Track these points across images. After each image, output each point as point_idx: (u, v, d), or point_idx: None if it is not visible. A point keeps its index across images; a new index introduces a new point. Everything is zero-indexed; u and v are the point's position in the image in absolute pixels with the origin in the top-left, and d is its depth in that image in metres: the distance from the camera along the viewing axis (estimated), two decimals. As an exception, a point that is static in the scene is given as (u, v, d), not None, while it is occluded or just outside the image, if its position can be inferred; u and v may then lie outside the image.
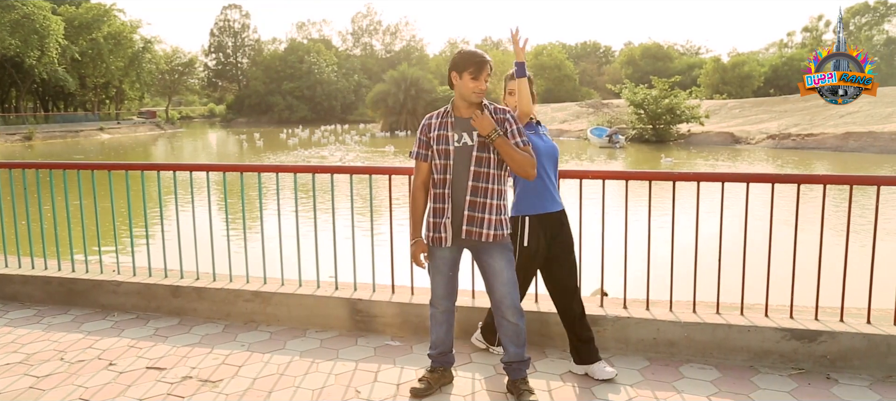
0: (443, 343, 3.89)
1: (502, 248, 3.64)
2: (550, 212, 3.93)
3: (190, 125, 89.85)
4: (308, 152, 37.79)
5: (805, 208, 4.44)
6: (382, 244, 5.88)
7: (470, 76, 3.55)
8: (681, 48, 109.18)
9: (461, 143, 3.58)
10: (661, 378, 4.03)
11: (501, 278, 3.64)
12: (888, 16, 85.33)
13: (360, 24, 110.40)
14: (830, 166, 29.79)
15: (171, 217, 9.21)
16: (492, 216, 3.57)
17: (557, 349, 4.44)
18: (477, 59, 3.56)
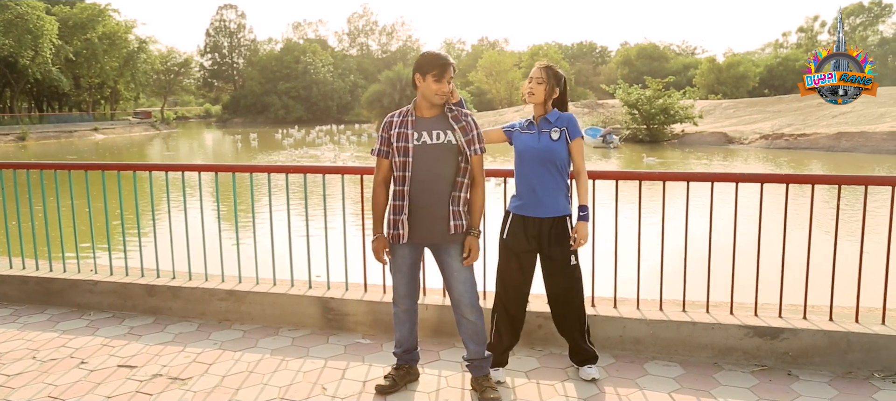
0: (406, 341, 3.94)
1: (460, 247, 3.68)
2: (538, 217, 3.86)
3: (186, 125, 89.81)
4: (299, 152, 37.81)
5: (789, 208, 4.47)
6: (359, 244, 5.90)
7: (433, 78, 3.57)
8: (677, 48, 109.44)
9: (421, 142, 3.63)
10: (626, 375, 4.08)
11: (459, 277, 3.69)
12: (882, 16, 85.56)
13: (356, 25, 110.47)
14: (819, 166, 29.90)
15: (156, 217, 9.27)
16: (448, 215, 3.61)
17: (525, 347, 4.49)
18: (440, 62, 3.60)
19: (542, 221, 3.85)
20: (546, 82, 3.87)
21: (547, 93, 3.87)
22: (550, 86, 3.87)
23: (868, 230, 4.37)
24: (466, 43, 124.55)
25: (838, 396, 3.80)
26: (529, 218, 3.87)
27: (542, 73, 3.89)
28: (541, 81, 3.88)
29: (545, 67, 3.91)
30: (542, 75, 3.88)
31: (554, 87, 3.89)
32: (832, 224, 4.50)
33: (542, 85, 3.87)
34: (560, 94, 3.93)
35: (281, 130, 60.05)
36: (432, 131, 3.63)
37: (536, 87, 3.88)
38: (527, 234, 3.88)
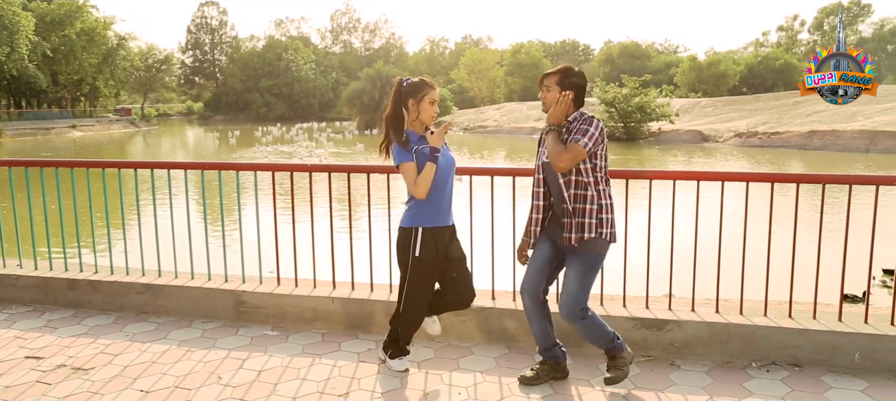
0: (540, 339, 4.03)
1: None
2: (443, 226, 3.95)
3: (167, 123, 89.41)
4: (269, 149, 37.83)
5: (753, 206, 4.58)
6: (304, 237, 6.00)
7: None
8: (659, 47, 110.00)
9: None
10: (513, 366, 4.22)
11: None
12: (861, 16, 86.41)
13: (339, 22, 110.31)
14: (772, 165, 30.28)
15: (82, 214, 9.29)
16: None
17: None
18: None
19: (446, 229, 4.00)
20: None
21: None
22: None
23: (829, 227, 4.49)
24: (450, 41, 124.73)
25: (712, 384, 3.96)
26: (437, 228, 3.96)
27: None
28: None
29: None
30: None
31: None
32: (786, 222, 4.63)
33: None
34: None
35: (261, 127, 59.84)
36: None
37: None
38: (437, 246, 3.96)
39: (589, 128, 3.62)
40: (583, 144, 3.58)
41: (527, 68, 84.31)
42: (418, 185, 3.77)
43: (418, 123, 3.88)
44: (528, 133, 52.69)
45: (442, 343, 4.59)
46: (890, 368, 4.08)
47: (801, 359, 4.19)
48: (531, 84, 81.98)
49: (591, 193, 3.67)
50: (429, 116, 3.87)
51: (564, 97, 3.67)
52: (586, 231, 3.66)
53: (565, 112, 3.70)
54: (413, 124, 3.88)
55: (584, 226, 3.67)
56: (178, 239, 5.35)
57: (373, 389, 3.93)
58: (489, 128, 57.57)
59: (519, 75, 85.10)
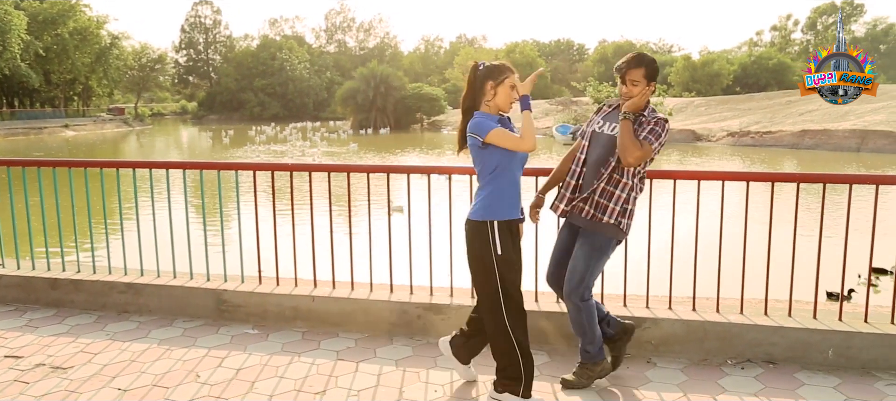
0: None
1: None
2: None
3: (161, 122, 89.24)
4: (261, 149, 37.83)
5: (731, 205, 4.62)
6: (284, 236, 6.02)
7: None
8: (654, 46, 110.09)
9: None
10: (491, 363, 4.20)
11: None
12: (854, 16, 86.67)
13: (333, 21, 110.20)
14: (758, 165, 30.39)
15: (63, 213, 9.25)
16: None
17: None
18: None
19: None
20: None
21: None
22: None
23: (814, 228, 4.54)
24: (444, 40, 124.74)
25: (687, 381, 3.99)
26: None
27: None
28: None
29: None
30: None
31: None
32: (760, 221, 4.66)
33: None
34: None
35: (255, 127, 59.79)
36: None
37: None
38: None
39: (661, 132, 3.65)
40: (654, 148, 3.62)
41: (521, 67, 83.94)
42: (524, 137, 3.46)
43: (492, 107, 3.61)
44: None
45: (421, 341, 4.62)
46: (863, 364, 4.12)
47: (776, 356, 4.22)
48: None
49: (626, 183, 3.69)
50: (507, 101, 3.61)
51: (648, 91, 3.68)
52: (607, 215, 3.68)
53: (644, 104, 3.70)
54: (487, 108, 3.62)
55: (606, 209, 3.68)
56: (160, 238, 5.36)
57: (350, 386, 3.95)
58: (483, 127, 57.52)
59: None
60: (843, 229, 4.39)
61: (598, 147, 3.77)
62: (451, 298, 4.75)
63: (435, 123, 63.78)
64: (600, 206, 3.69)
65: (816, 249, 4.38)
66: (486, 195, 3.56)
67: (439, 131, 59.69)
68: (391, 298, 4.80)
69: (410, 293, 4.90)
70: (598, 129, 3.82)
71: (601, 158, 3.73)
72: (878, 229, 4.49)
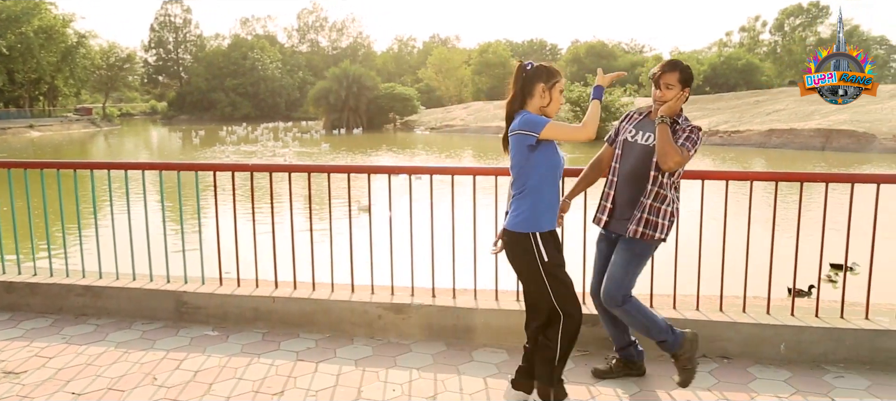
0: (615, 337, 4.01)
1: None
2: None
3: (130, 123, 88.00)
4: (231, 149, 37.56)
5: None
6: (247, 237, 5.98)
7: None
8: (626, 46, 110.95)
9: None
10: (450, 362, 4.27)
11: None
12: (820, 18, 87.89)
13: (305, 21, 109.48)
14: (763, 163, 30.82)
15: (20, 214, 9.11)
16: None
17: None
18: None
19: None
20: None
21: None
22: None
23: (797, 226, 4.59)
24: (418, 40, 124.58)
25: (642, 377, 4.04)
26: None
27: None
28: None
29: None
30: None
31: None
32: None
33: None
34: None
35: (226, 127, 59.22)
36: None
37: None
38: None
39: (697, 140, 3.66)
40: (691, 154, 3.62)
41: (494, 68, 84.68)
42: (587, 124, 3.40)
43: (538, 111, 3.49)
44: (494, 132, 52.85)
45: (382, 341, 4.62)
46: (813, 358, 4.21)
47: (730, 351, 4.30)
48: (498, 83, 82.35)
49: (668, 195, 3.70)
50: (557, 106, 3.52)
51: (683, 96, 3.68)
52: (659, 231, 3.69)
53: (678, 109, 3.71)
54: (532, 108, 3.49)
55: (656, 225, 3.68)
56: (120, 240, 5.29)
57: (308, 387, 3.95)
58: (456, 127, 57.71)
59: (486, 74, 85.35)
60: (800, 226, 4.46)
61: (633, 158, 3.76)
62: (412, 298, 4.76)
63: (408, 123, 63.73)
64: (650, 223, 3.67)
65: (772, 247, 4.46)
66: (529, 205, 3.44)
67: (412, 131, 59.65)
68: (352, 299, 4.80)
69: (372, 293, 4.90)
70: (631, 138, 3.79)
71: (638, 171, 3.71)
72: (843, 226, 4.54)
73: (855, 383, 3.96)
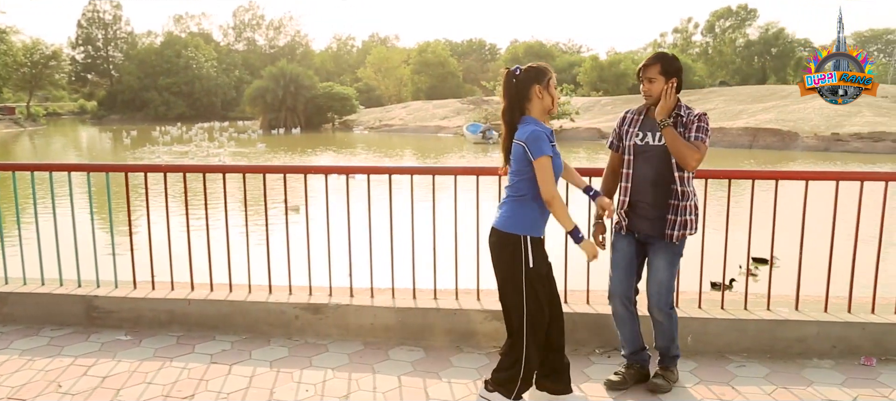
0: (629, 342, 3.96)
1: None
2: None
3: (58, 122, 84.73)
4: (164, 149, 36.68)
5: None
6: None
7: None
8: (563, 47, 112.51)
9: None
10: (366, 361, 4.27)
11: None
12: (748, 20, 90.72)
13: (241, 19, 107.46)
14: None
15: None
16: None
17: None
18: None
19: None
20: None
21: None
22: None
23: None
24: (357, 39, 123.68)
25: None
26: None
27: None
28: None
29: None
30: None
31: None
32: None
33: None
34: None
35: (159, 127, 57.65)
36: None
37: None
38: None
39: (707, 126, 3.62)
40: (707, 143, 3.58)
41: (433, 67, 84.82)
42: (554, 203, 3.33)
43: (540, 110, 3.43)
44: (432, 131, 53.04)
45: (299, 342, 4.60)
46: (718, 349, 4.37)
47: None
48: (438, 83, 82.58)
49: (692, 190, 3.72)
50: (557, 102, 3.48)
51: (670, 88, 3.60)
52: (689, 228, 3.70)
53: (674, 103, 3.62)
54: (534, 114, 3.42)
55: (687, 223, 3.68)
56: (28, 244, 5.12)
57: (220, 390, 3.90)
58: (395, 126, 57.61)
59: (425, 74, 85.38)
60: (728, 223, 4.59)
61: (649, 163, 3.70)
62: (329, 298, 4.75)
63: (347, 123, 63.27)
64: (682, 223, 3.67)
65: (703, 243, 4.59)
66: (524, 209, 3.40)
67: (351, 131, 59.25)
68: (269, 300, 4.76)
69: (289, 294, 4.87)
70: (641, 142, 3.73)
71: (659, 176, 3.68)
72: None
73: (755, 371, 4.13)
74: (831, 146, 34.18)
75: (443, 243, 4.80)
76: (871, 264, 4.53)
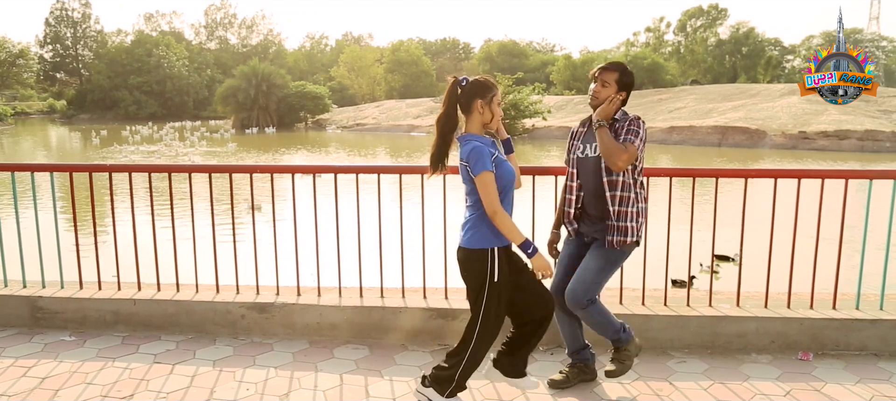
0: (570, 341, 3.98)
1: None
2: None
3: (26, 122, 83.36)
4: (132, 148, 36.26)
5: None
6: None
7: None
8: (537, 46, 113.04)
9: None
10: (310, 360, 4.28)
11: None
12: (719, 19, 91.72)
13: (213, 17, 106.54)
14: (668, 159, 31.90)
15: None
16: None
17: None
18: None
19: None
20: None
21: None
22: None
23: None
24: (330, 37, 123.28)
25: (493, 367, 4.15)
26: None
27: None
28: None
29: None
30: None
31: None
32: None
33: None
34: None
35: (129, 126, 56.95)
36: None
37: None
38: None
39: (639, 130, 3.62)
40: (637, 146, 3.58)
41: (407, 66, 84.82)
42: (501, 219, 3.30)
43: (479, 127, 3.41)
44: (405, 130, 53.00)
45: (245, 341, 4.59)
46: (660, 345, 4.44)
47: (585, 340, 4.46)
48: (411, 81, 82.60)
49: (632, 196, 3.67)
50: (499, 119, 3.46)
51: (617, 98, 3.64)
52: (630, 235, 3.66)
53: (615, 111, 3.66)
54: (472, 129, 3.41)
55: (627, 230, 3.66)
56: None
57: (160, 389, 3.88)
58: (368, 126, 57.49)
59: (399, 73, 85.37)
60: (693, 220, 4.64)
61: (590, 173, 3.74)
62: (276, 297, 4.75)
63: (319, 122, 63.00)
64: (621, 229, 3.66)
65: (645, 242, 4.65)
66: (485, 220, 3.35)
67: (324, 130, 59.00)
68: (216, 299, 4.75)
69: (237, 293, 4.86)
70: (581, 154, 3.78)
71: (598, 186, 3.70)
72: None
73: (694, 366, 4.20)
74: (798, 144, 34.71)
75: (389, 242, 4.83)
76: (820, 262, 4.61)
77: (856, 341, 4.41)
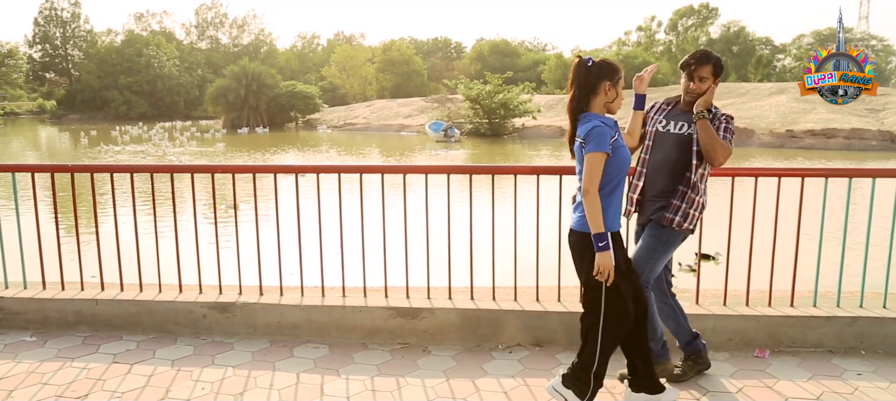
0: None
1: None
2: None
3: (15, 122, 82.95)
4: (119, 149, 36.17)
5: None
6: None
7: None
8: (528, 45, 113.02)
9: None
10: (269, 359, 4.30)
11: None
12: (710, 19, 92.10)
13: (204, 17, 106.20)
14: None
15: None
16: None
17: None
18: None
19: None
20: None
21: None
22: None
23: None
24: (322, 37, 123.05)
25: (455, 367, 4.19)
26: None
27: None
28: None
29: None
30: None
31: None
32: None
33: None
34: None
35: (119, 126, 56.72)
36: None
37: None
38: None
39: (733, 129, 3.69)
40: (731, 147, 3.63)
41: (398, 65, 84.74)
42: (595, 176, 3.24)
43: (604, 108, 3.40)
44: (396, 130, 52.97)
45: (206, 340, 4.61)
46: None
47: (543, 339, 4.50)
48: (402, 81, 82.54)
49: (703, 188, 3.73)
50: (621, 101, 3.43)
51: (714, 87, 3.69)
52: (688, 221, 3.68)
53: (711, 100, 3.70)
54: (595, 108, 3.39)
55: (688, 215, 3.67)
56: None
57: (115, 389, 3.90)
58: (358, 125, 57.43)
59: (390, 72, 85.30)
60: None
61: (666, 147, 3.74)
62: (238, 296, 4.77)
63: (310, 122, 62.88)
64: (683, 212, 3.67)
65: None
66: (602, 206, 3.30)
67: (315, 130, 58.91)
68: (177, 299, 4.76)
69: (199, 293, 4.87)
70: (662, 128, 3.78)
71: (674, 160, 3.70)
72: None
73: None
74: (786, 143, 34.90)
75: (350, 241, 4.85)
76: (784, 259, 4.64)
77: (812, 338, 4.45)
